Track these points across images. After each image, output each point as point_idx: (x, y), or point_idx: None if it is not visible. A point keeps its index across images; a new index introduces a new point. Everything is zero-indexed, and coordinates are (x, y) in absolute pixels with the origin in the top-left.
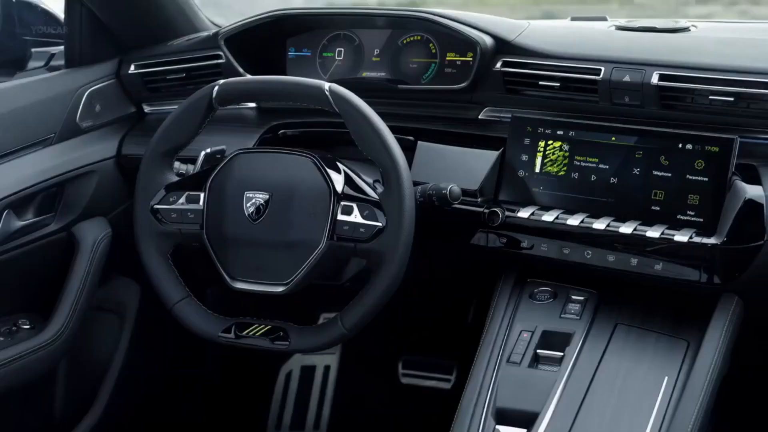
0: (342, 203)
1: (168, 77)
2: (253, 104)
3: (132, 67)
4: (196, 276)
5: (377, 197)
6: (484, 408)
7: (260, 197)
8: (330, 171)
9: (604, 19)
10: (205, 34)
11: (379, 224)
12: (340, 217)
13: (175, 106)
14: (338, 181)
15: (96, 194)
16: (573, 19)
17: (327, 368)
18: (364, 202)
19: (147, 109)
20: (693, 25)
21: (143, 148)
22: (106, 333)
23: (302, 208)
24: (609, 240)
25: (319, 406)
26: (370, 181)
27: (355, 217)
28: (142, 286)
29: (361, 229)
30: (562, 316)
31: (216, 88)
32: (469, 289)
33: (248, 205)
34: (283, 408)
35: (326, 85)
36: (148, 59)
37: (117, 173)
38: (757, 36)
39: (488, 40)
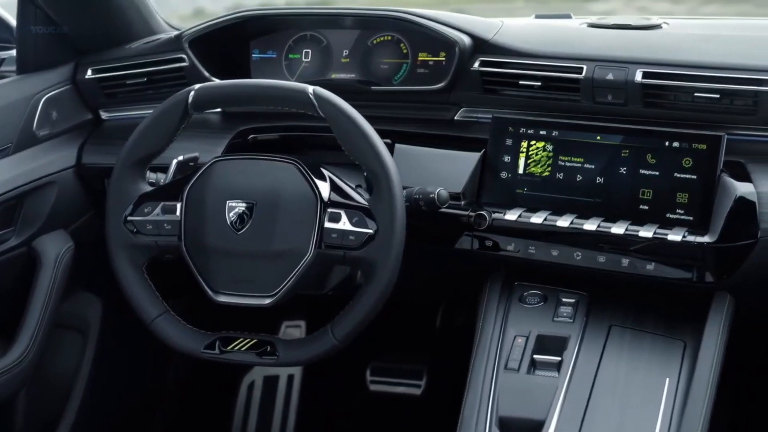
0: (329, 210)
1: (127, 82)
2: (218, 108)
3: (89, 72)
4: (159, 289)
5: (366, 203)
6: (486, 417)
7: (243, 206)
8: (315, 177)
9: (568, 16)
10: (165, 36)
11: (370, 231)
12: (327, 224)
13: (134, 112)
14: (324, 187)
15: (56, 206)
16: (537, 16)
17: (291, 378)
18: (353, 209)
19: (104, 115)
20: (665, 22)
21: (103, 156)
22: (69, 350)
23: (287, 216)
24: (599, 241)
25: (283, 417)
26: (353, 186)
27: (344, 224)
28: (104, 300)
29: (351, 237)
30: (555, 319)
31: (192, 92)
32: (449, 294)
33: (231, 214)
34: (246, 420)
35: (310, 88)
36: (106, 63)
37: (77, 183)
38: (731, 32)
39: (467, 40)
